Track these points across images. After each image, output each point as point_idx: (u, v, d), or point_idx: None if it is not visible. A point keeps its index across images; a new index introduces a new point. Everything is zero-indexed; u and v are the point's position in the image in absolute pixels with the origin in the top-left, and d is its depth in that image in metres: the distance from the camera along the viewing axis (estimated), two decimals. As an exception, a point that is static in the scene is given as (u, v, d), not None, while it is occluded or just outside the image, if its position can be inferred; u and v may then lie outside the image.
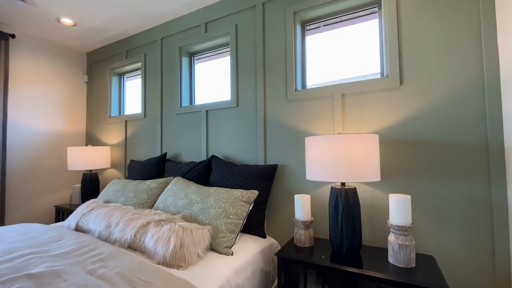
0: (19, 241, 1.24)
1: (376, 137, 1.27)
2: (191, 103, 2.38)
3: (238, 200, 1.49)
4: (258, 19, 1.88)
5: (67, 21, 2.35)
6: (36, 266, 0.98)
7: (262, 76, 1.85)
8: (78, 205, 2.56)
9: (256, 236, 1.60)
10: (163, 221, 1.38)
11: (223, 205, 1.48)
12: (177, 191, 1.70)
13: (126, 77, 2.96)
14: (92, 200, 1.79)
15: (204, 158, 2.11)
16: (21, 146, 2.52)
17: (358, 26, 1.67)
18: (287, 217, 1.72)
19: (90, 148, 2.52)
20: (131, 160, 2.49)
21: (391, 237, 1.15)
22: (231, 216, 1.43)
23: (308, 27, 1.82)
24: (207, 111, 2.12)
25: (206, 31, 2.16)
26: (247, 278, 1.28)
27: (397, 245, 1.11)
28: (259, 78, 1.86)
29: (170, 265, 1.17)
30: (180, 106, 2.30)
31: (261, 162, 1.82)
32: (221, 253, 1.34)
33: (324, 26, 1.78)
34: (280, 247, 1.64)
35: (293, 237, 1.47)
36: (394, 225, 1.13)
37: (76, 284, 0.89)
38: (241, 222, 1.45)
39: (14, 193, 2.46)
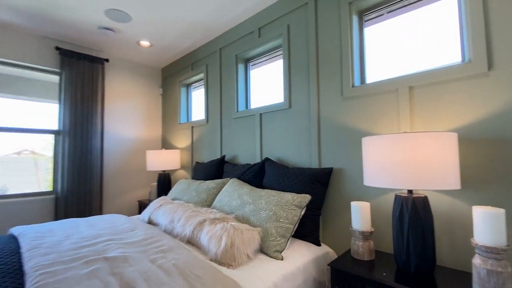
0: (104, 228, 1.50)
1: (455, 136, 1.05)
2: (246, 107, 2.46)
3: (289, 204, 1.45)
4: (310, 16, 1.81)
5: (145, 43, 2.76)
6: (112, 251, 1.16)
7: (315, 74, 1.76)
8: (154, 200, 2.95)
9: (309, 243, 1.52)
10: (217, 219, 1.45)
11: (273, 208, 1.46)
12: (232, 192, 1.77)
13: (192, 87, 3.27)
14: (161, 197, 2.03)
15: (258, 160, 2.14)
16: (113, 151, 3.06)
17: (428, 8, 1.42)
18: (345, 226, 1.58)
19: (164, 151, 2.88)
20: (196, 162, 2.72)
21: (477, 260, 0.92)
22: (281, 220, 1.40)
23: (366, 17, 1.65)
24: (260, 114, 2.15)
25: (259, 36, 2.20)
26: (297, 286, 1.22)
27: (485, 270, 0.88)
28: (312, 77, 1.78)
29: (221, 263, 1.22)
30: (237, 111, 2.40)
31: (315, 165, 1.73)
32: (271, 257, 1.32)
33: (388, 12, 1.59)
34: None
35: (350, 248, 1.34)
36: (481, 245, 0.90)
37: (139, 270, 1.01)
38: (292, 227, 1.40)
39: (109, 189, 3.00)
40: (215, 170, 2.35)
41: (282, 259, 1.30)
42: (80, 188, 2.66)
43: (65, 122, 2.63)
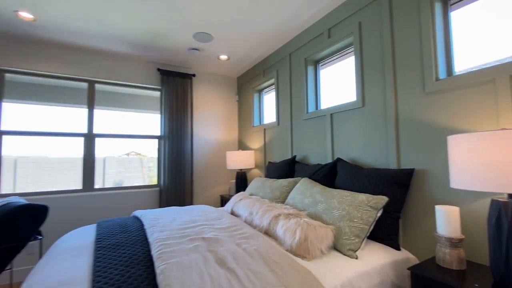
0: (199, 215, 1.83)
1: None
2: (316, 108, 2.50)
3: (363, 205, 1.45)
4: (384, 10, 1.74)
5: (223, 57, 3.14)
6: (207, 233, 1.42)
7: (391, 70, 1.68)
8: (233, 196, 3.30)
9: (387, 247, 1.47)
10: (291, 215, 1.57)
11: (346, 208, 1.48)
12: (303, 190, 1.87)
13: (264, 92, 3.50)
14: (241, 193, 2.29)
15: (329, 160, 2.16)
16: (200, 152, 3.57)
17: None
18: (429, 231, 1.46)
19: (240, 152, 3.19)
20: (269, 162, 2.92)
21: None
22: (355, 220, 1.41)
23: (452, 0, 1.48)
24: (331, 114, 2.17)
25: (329, 37, 2.22)
26: (373, 285, 1.22)
27: None
28: (387, 73, 1.71)
29: (296, 254, 1.33)
30: (307, 112, 2.48)
31: (393, 165, 1.65)
32: (344, 254, 1.36)
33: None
34: (419, 264, 1.42)
35: (434, 256, 1.25)
36: None
37: (229, 250, 1.22)
38: (367, 228, 1.39)
39: (197, 184, 3.52)
40: (287, 169, 2.48)
41: (356, 258, 1.32)
42: (176, 183, 3.23)
43: (165, 129, 3.24)
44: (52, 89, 2.81)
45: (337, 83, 2.32)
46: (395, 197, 1.51)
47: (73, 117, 2.91)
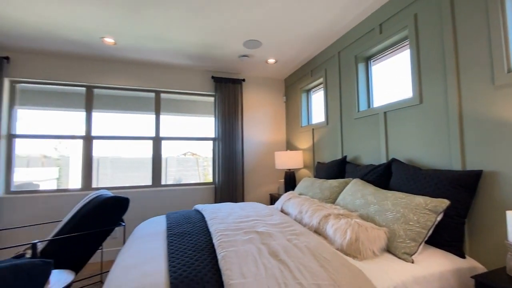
0: (251, 211, 1.97)
1: None
2: (368, 107, 2.42)
3: (421, 208, 1.38)
4: (444, -1, 1.61)
5: (271, 61, 3.25)
6: (259, 228, 1.55)
7: (453, 63, 1.55)
8: (282, 195, 3.39)
9: (449, 253, 1.38)
10: (341, 215, 1.58)
11: (401, 210, 1.43)
12: (355, 191, 1.85)
13: (312, 92, 3.50)
14: (290, 192, 2.37)
15: (383, 161, 2.08)
16: (250, 152, 3.76)
17: None
18: (501, 239, 1.31)
19: (288, 152, 3.26)
20: (317, 162, 2.93)
21: None
22: (411, 223, 1.36)
23: (532, -20, 1.31)
24: (385, 112, 2.08)
25: (380, 32, 2.13)
26: (431, 292, 1.17)
27: None
28: (449, 66, 1.58)
29: (346, 253, 1.36)
30: (358, 111, 2.41)
31: (457, 166, 1.53)
32: (399, 258, 1.32)
33: None
34: (489, 275, 1.29)
35: (505, 266, 1.13)
36: None
37: (280, 244, 1.32)
38: (424, 232, 1.33)
39: (248, 182, 3.71)
40: (337, 170, 2.46)
41: (412, 262, 1.28)
42: (229, 181, 3.47)
43: (219, 131, 3.51)
44: (126, 99, 3.33)
45: (390, 79, 2.21)
46: (459, 201, 1.40)
47: (142, 122, 3.38)
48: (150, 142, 3.38)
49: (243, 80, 3.67)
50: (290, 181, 3.24)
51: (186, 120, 3.60)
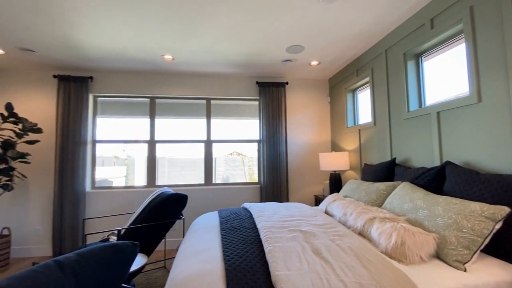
0: (295, 211, 2.07)
1: None
2: (420, 106, 2.29)
3: (476, 215, 1.31)
4: (506, -12, 1.47)
5: (314, 63, 3.28)
6: (303, 227, 1.64)
7: (518, 58, 1.41)
8: (327, 196, 3.39)
9: (509, 264, 1.27)
10: (387, 219, 1.58)
11: (453, 216, 1.37)
12: (403, 195, 1.80)
13: (358, 91, 3.41)
14: (334, 194, 2.39)
15: (437, 163, 1.97)
16: (294, 154, 3.84)
17: None
18: None
19: (333, 153, 3.25)
20: (365, 164, 2.86)
21: None
22: (464, 230, 1.30)
23: None
24: (438, 112, 1.96)
25: (432, 28, 2.02)
26: (486, 303, 1.12)
27: None
28: (511, 62, 1.44)
29: (391, 257, 1.36)
30: (408, 111, 2.31)
31: (523, 171, 1.39)
32: (450, 265, 1.28)
33: None
34: None
35: None
36: None
37: (323, 243, 1.40)
38: (480, 240, 1.26)
39: (292, 183, 3.80)
40: (385, 172, 2.39)
41: (465, 271, 1.23)
42: (274, 181, 3.61)
43: (263, 133, 3.68)
44: (181, 106, 3.73)
45: (443, 76, 2.07)
46: (525, 209, 1.28)
47: (194, 125, 3.75)
48: (202, 144, 3.73)
49: (286, 83, 3.76)
50: (336, 182, 3.22)
51: (233, 123, 3.86)
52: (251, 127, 3.89)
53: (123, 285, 1.20)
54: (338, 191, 3.19)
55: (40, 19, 2.19)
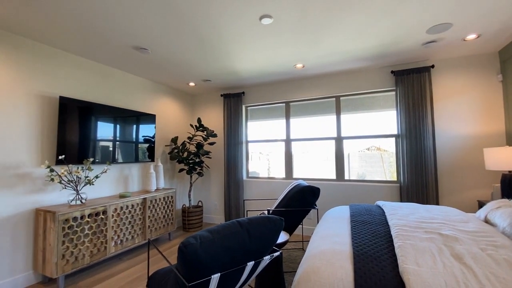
0: (438, 214, 1.88)
1: None
2: None
3: None
4: None
5: (471, 37, 2.65)
6: (445, 230, 1.52)
7: None
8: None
9: None
10: None
11: None
12: None
13: (553, 61, 2.43)
14: (500, 200, 1.92)
15: None
16: (446, 149, 3.24)
17: None
18: None
19: (507, 148, 2.52)
20: None
21: None
22: None
23: None
24: None
25: None
26: None
27: None
28: None
29: None
30: None
31: None
32: None
33: None
34: None
35: None
36: None
37: (468, 250, 1.28)
38: None
39: (444, 184, 3.24)
40: None
41: None
42: (417, 180, 3.23)
43: (402, 127, 3.36)
44: (311, 105, 4.06)
45: None
46: None
47: (325, 122, 3.96)
48: (333, 141, 3.90)
49: (432, 66, 3.23)
50: (510, 186, 2.48)
51: (366, 116, 3.76)
52: (386, 119, 3.64)
53: (274, 248, 1.66)
54: (509, 198, 2.45)
55: (213, 60, 3.18)
